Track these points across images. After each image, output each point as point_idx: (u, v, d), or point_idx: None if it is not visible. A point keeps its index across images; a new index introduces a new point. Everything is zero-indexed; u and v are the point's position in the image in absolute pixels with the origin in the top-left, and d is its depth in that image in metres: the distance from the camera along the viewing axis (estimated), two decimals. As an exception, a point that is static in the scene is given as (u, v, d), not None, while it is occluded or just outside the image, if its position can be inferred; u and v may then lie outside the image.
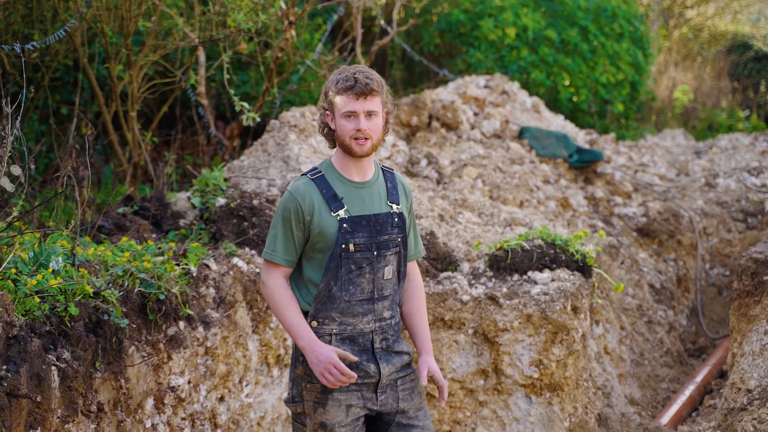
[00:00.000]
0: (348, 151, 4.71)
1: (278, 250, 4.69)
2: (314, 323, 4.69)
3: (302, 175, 4.78)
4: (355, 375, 4.57)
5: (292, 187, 4.71)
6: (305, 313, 4.72)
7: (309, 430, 4.75)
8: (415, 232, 5.02)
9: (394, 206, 4.81)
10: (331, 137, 4.78)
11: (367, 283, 4.72)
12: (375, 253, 4.72)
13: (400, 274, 4.86)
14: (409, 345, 4.92)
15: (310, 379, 4.71)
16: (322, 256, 4.70)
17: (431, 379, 4.88)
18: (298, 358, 4.74)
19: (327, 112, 4.75)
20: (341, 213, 4.68)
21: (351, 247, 4.66)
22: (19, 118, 5.53)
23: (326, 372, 4.54)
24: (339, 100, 4.67)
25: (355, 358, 4.63)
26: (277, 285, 4.70)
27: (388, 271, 4.77)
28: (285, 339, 6.78)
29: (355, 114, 4.65)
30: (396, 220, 4.79)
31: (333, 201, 4.68)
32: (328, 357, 4.55)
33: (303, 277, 4.77)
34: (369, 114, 4.66)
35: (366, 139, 4.67)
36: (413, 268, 5.03)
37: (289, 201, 4.68)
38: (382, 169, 4.90)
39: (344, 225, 4.66)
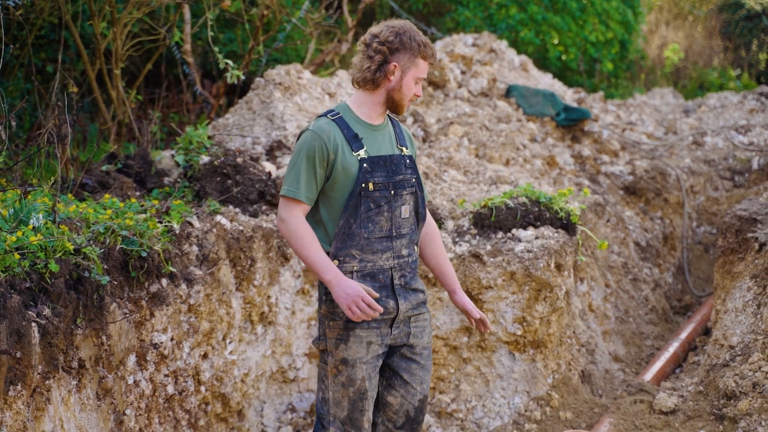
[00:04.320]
0: (397, 108, 4.98)
1: (301, 187, 4.83)
2: (335, 261, 4.87)
3: (320, 116, 4.96)
4: (381, 308, 4.75)
5: (315, 126, 4.88)
6: (326, 254, 4.87)
7: (330, 367, 4.95)
8: (422, 180, 5.23)
9: (404, 149, 5.05)
10: (377, 82, 4.94)
11: (386, 221, 4.92)
12: (392, 192, 4.92)
13: (419, 215, 5.09)
14: (423, 284, 5.15)
15: (332, 317, 4.91)
16: (341, 195, 4.88)
17: (468, 314, 5.22)
18: (322, 297, 4.95)
19: (395, 63, 4.89)
20: (361, 153, 4.87)
21: (370, 186, 4.86)
22: (-1, 74, 5.50)
23: (353, 305, 4.71)
24: (422, 64, 4.94)
25: (377, 295, 4.80)
26: (299, 221, 4.84)
27: (405, 210, 4.97)
28: (269, 297, 6.79)
29: (420, 81, 4.97)
30: (408, 161, 5.02)
31: (354, 141, 4.88)
32: (356, 290, 4.72)
33: (321, 217, 4.94)
34: None
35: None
36: (427, 213, 5.24)
37: (314, 140, 4.84)
38: (388, 116, 5.13)
39: (364, 165, 4.86)
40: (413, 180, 5.02)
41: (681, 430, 6.48)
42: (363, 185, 4.85)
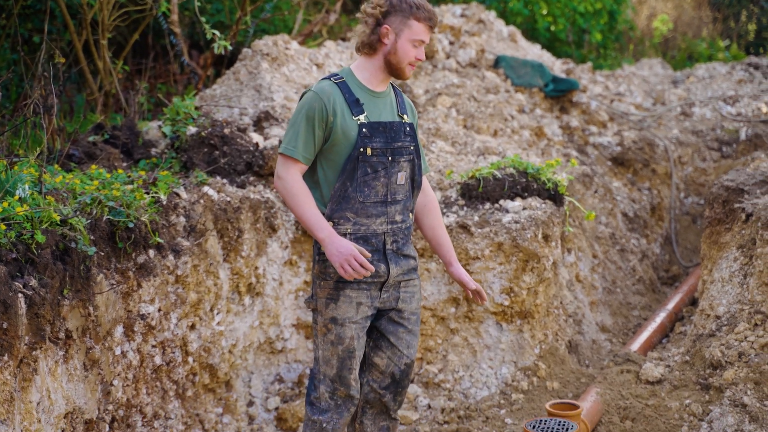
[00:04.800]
0: (397, 72, 4.97)
1: (299, 146, 4.92)
2: (330, 223, 4.94)
3: (324, 78, 5.04)
4: (372, 268, 4.83)
5: (317, 87, 4.96)
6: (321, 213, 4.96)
7: (320, 326, 5.07)
8: (422, 149, 5.29)
9: (405, 117, 5.10)
10: (373, 44, 4.99)
11: (381, 187, 4.99)
12: (390, 158, 4.99)
13: (414, 182, 5.15)
14: (415, 251, 5.23)
15: (324, 277, 5.01)
16: (338, 158, 4.96)
17: (464, 285, 5.30)
18: (315, 257, 5.04)
19: (387, 26, 4.93)
20: (362, 118, 4.94)
21: (368, 151, 4.93)
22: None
23: (346, 263, 4.79)
24: (416, 26, 4.92)
25: (369, 255, 4.86)
26: (295, 179, 4.94)
27: (401, 177, 5.04)
28: (256, 268, 6.79)
29: (421, 44, 4.94)
30: (407, 129, 5.07)
31: (355, 105, 4.95)
32: (348, 249, 4.80)
33: (318, 179, 5.02)
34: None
35: (415, 66, 4.98)
36: (426, 184, 5.33)
37: (315, 100, 4.92)
38: (391, 84, 5.16)
39: (364, 129, 4.92)
40: (411, 148, 5.09)
41: (667, 399, 6.51)
42: (361, 150, 4.92)
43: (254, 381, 6.88)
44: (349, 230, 4.98)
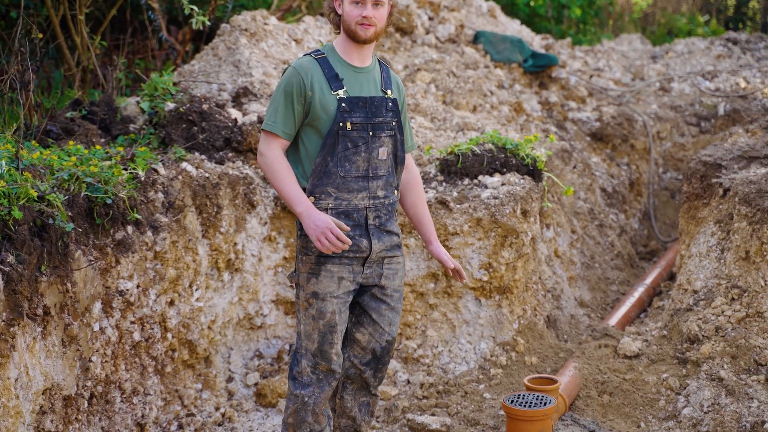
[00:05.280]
0: (352, 36, 5.02)
1: (278, 122, 4.97)
2: (311, 198, 4.98)
3: (305, 54, 5.10)
4: (349, 241, 4.85)
5: (296, 63, 5.02)
6: (303, 190, 4.99)
7: (302, 300, 5.10)
8: (409, 127, 5.33)
9: (388, 92, 5.13)
10: (337, 22, 5.12)
11: (362, 162, 5.02)
12: (370, 133, 5.02)
13: (397, 158, 5.18)
14: (399, 228, 5.28)
15: (305, 251, 5.04)
16: (319, 133, 4.99)
17: (443, 263, 5.33)
18: (297, 232, 5.08)
19: None
20: (341, 93, 4.98)
21: (348, 125, 4.96)
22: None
23: (322, 237, 4.82)
24: None
25: (348, 228, 4.88)
26: (275, 155, 4.97)
27: (383, 152, 5.07)
28: (235, 244, 6.78)
29: (363, 1, 4.97)
30: (390, 104, 5.10)
31: (334, 81, 4.98)
32: (325, 222, 4.82)
33: (300, 154, 5.05)
34: (376, 3, 5.00)
35: (370, 25, 4.99)
36: (410, 161, 5.37)
37: (293, 76, 4.98)
38: (378, 60, 5.22)
39: (343, 104, 4.95)
40: (393, 123, 5.11)
41: (644, 373, 6.55)
42: (341, 124, 4.95)
43: (233, 357, 6.89)
44: (330, 205, 5.01)
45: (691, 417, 6.06)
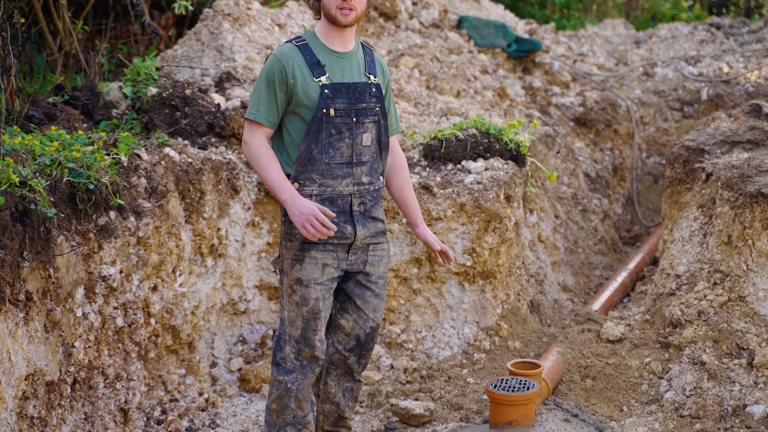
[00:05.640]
0: (332, 21, 4.99)
1: (261, 110, 4.97)
2: (296, 185, 4.98)
3: (286, 42, 5.07)
4: (334, 227, 4.86)
5: (277, 51, 5.00)
6: (287, 176, 4.99)
7: (286, 287, 5.11)
8: (394, 109, 5.33)
9: (372, 77, 5.11)
10: (317, 8, 5.09)
11: (346, 148, 5.01)
12: (354, 119, 5.01)
13: (381, 144, 5.17)
14: (384, 214, 5.27)
15: (290, 238, 5.05)
16: (303, 120, 4.98)
17: (430, 246, 5.33)
18: (282, 218, 5.08)
19: None
20: (323, 79, 4.96)
21: (331, 112, 4.95)
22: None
23: (307, 223, 4.82)
24: None
25: (333, 214, 4.89)
26: (259, 144, 4.98)
27: (367, 138, 5.06)
28: (219, 229, 6.77)
29: None
30: (374, 90, 5.08)
31: (316, 67, 4.97)
32: (309, 209, 4.83)
33: (284, 141, 5.05)
34: None
35: (350, 9, 4.95)
36: (395, 144, 5.36)
37: (274, 63, 4.96)
38: (362, 43, 5.20)
39: (326, 91, 4.94)
40: (377, 109, 5.10)
41: (627, 358, 6.57)
42: (324, 111, 4.94)
43: (217, 342, 6.89)
44: (314, 192, 5.01)
45: (673, 401, 6.09)
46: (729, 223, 6.62)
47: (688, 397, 6.07)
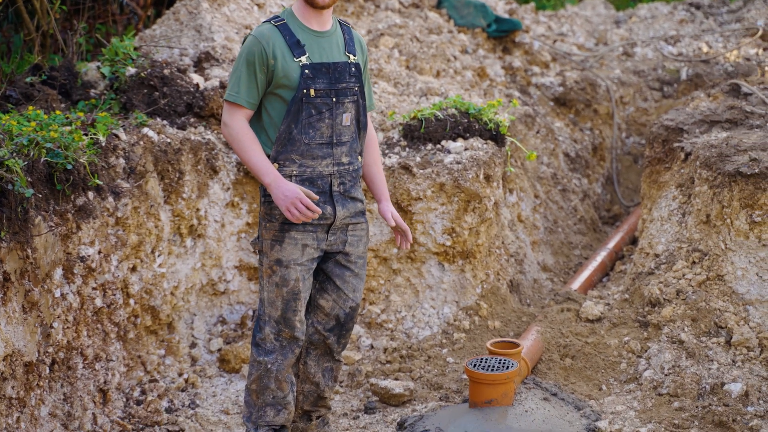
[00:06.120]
0: (311, 3, 4.97)
1: (241, 92, 4.95)
2: (275, 165, 4.97)
3: (264, 22, 5.04)
4: (319, 210, 4.87)
5: (256, 32, 4.97)
6: (267, 157, 4.97)
7: (266, 267, 5.11)
8: (369, 87, 5.30)
9: (351, 56, 5.10)
10: None
11: (326, 128, 5.00)
12: (334, 99, 4.99)
13: (360, 123, 5.16)
14: (363, 194, 5.26)
15: (269, 218, 5.04)
16: (282, 101, 4.97)
17: (387, 221, 5.29)
18: (261, 198, 5.07)
19: None
20: (303, 59, 4.94)
21: (312, 92, 4.93)
22: None
23: (292, 207, 4.83)
24: None
25: (316, 197, 4.90)
26: (240, 126, 4.96)
27: (347, 118, 5.05)
28: (198, 210, 6.76)
29: None
30: (353, 69, 5.07)
31: (296, 47, 4.95)
32: (294, 192, 4.83)
33: (264, 122, 5.03)
34: None
35: None
36: (368, 122, 5.31)
37: (254, 45, 4.93)
38: (339, 22, 5.17)
39: (306, 71, 4.92)
40: (356, 89, 5.09)
41: (606, 337, 6.60)
42: (304, 91, 4.93)
43: (197, 323, 6.88)
44: (294, 172, 5.00)
45: (651, 379, 6.12)
46: (707, 203, 6.64)
47: (666, 375, 6.10)
